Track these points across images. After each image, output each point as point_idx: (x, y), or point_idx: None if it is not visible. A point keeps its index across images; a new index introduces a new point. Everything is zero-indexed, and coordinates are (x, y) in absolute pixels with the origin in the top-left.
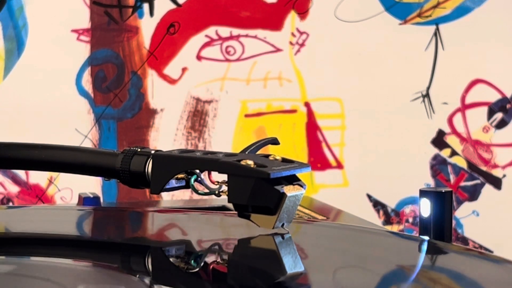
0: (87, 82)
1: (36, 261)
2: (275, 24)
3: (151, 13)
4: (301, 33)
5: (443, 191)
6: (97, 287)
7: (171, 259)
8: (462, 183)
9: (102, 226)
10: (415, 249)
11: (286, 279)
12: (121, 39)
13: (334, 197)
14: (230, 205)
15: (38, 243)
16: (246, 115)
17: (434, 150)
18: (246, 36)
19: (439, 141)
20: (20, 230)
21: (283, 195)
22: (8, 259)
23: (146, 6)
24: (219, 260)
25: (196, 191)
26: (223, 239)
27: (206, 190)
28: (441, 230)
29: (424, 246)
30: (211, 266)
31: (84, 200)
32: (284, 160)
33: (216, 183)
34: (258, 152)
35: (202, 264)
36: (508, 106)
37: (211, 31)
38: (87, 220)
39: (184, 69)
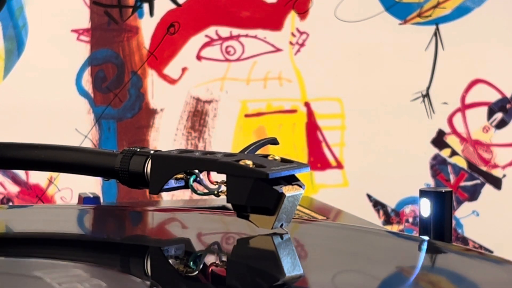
0: (87, 82)
1: (35, 261)
2: (275, 24)
3: (151, 13)
4: (301, 33)
5: (443, 191)
6: (96, 286)
7: (169, 259)
8: (462, 183)
9: (102, 225)
10: (415, 249)
11: (285, 280)
12: (121, 39)
13: (334, 197)
14: (230, 205)
15: (38, 243)
16: (246, 115)
17: (434, 150)
18: (246, 36)
19: (439, 141)
20: (20, 230)
21: (282, 195)
22: (8, 259)
23: (146, 6)
24: (217, 260)
25: (195, 191)
26: (221, 239)
27: (205, 190)
28: (441, 230)
29: (424, 246)
30: (209, 267)
31: (84, 200)
32: (283, 160)
33: (215, 183)
34: (258, 152)
35: (200, 264)
36: (508, 106)
37: (211, 31)
38: (87, 219)
39: (184, 69)
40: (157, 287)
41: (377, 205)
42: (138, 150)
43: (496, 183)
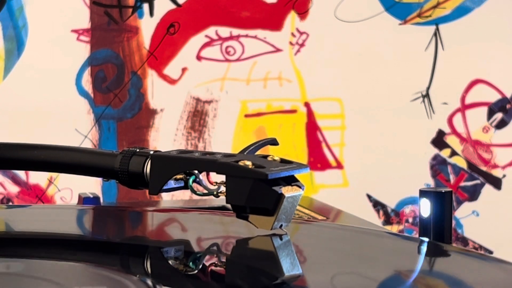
0: (87, 82)
1: (35, 261)
2: (275, 24)
3: (151, 13)
4: (301, 33)
5: (443, 191)
6: (96, 287)
7: (169, 259)
8: (462, 183)
9: (102, 225)
10: (414, 250)
11: (283, 280)
12: (121, 39)
13: (334, 197)
14: (230, 205)
15: (38, 243)
16: (246, 115)
17: (434, 150)
18: (246, 36)
19: (439, 141)
20: (20, 230)
21: (281, 196)
22: (8, 259)
23: (146, 6)
24: (216, 260)
25: (195, 192)
26: (221, 240)
27: (205, 191)
28: (441, 230)
29: (424, 248)
30: (209, 267)
31: (84, 200)
32: (283, 161)
33: (215, 184)
34: (257, 153)
35: (200, 264)
36: (508, 106)
37: (211, 31)
38: (86, 219)
39: (184, 69)
40: (156, 286)
41: (377, 205)
42: (138, 150)
43: (496, 183)
